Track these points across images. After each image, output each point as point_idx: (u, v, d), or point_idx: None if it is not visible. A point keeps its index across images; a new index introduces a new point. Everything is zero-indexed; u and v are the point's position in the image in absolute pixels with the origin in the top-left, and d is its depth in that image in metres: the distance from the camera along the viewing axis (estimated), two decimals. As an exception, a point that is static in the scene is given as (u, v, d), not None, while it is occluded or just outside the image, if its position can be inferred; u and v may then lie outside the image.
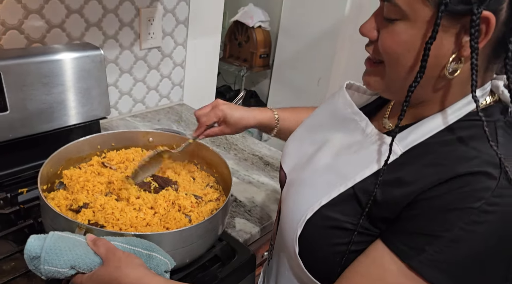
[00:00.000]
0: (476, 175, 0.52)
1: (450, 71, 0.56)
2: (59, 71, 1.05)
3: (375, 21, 0.61)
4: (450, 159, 0.55)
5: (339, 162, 0.66)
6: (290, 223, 0.65)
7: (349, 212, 0.61)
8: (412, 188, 0.55)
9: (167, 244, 0.72)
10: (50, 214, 0.73)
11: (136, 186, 0.84)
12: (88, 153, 0.96)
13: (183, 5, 1.47)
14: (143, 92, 1.50)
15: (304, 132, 0.79)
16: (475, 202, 0.51)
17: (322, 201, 0.62)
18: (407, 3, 0.54)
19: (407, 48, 0.56)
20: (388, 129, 0.68)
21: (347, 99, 0.73)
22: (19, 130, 1.02)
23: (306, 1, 2.52)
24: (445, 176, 0.53)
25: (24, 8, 1.09)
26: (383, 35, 0.58)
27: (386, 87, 0.63)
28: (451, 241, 0.52)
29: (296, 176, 0.71)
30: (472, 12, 0.51)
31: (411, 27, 0.55)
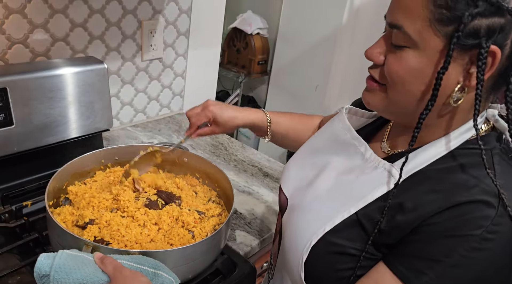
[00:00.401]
0: (476, 203, 0.55)
1: (454, 99, 0.58)
2: (63, 86, 1.07)
3: (381, 45, 0.62)
4: (450, 186, 0.57)
5: (341, 188, 0.68)
6: (295, 249, 0.67)
7: (353, 238, 0.63)
8: (414, 214, 0.58)
9: (171, 261, 0.74)
10: (57, 231, 0.74)
11: (140, 202, 0.86)
12: (92, 167, 0.98)
13: (184, 17, 1.49)
14: (144, 103, 1.52)
15: (305, 155, 0.81)
16: (475, 230, 0.53)
17: (326, 227, 0.64)
18: (418, 33, 0.56)
19: (414, 75, 0.58)
20: (387, 154, 0.70)
21: (346, 124, 0.75)
22: (24, 144, 1.03)
23: (304, 9, 2.54)
24: (446, 204, 0.56)
25: (29, 23, 1.11)
26: (390, 61, 0.60)
27: (385, 108, 0.65)
28: (452, 266, 0.54)
29: (298, 201, 0.72)
30: (480, 46, 0.53)
31: (419, 55, 0.57)
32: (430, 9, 0.55)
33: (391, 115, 0.68)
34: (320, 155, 0.77)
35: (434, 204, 0.57)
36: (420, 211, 0.58)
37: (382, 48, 0.62)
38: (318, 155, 0.77)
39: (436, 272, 0.55)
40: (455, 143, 0.61)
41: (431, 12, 0.55)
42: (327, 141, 0.78)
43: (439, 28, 0.55)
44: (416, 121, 0.61)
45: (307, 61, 2.62)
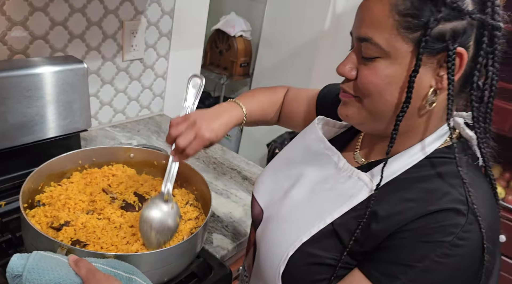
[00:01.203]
0: (447, 211, 0.57)
1: (429, 102, 0.60)
2: (41, 85, 1.05)
3: (352, 60, 0.64)
4: (422, 195, 0.59)
5: (316, 198, 0.68)
6: (271, 260, 0.67)
7: (329, 248, 0.64)
8: (388, 222, 0.60)
9: (146, 264, 0.74)
10: (32, 233, 0.74)
11: (116, 204, 0.85)
12: (69, 168, 0.97)
13: (166, 19, 1.49)
14: (123, 103, 1.52)
15: (278, 166, 0.82)
16: (446, 236, 0.56)
17: (303, 238, 0.64)
18: (387, 42, 0.58)
19: (389, 82, 0.60)
20: (360, 164, 0.71)
21: (319, 135, 0.76)
22: (0, 143, 1.02)
23: (287, 13, 2.57)
24: (419, 212, 0.58)
25: (8, 20, 1.09)
26: (364, 73, 0.62)
27: (363, 120, 0.66)
28: (423, 271, 0.56)
29: (274, 212, 0.73)
30: (448, 48, 0.57)
31: (391, 63, 0.59)
32: (396, 19, 0.57)
33: (367, 127, 0.69)
34: (294, 166, 0.77)
35: (408, 212, 0.59)
36: (394, 220, 0.59)
37: (353, 63, 0.64)
38: (291, 166, 0.78)
39: (409, 276, 0.57)
40: (427, 151, 0.64)
41: (397, 21, 0.57)
42: (300, 152, 0.79)
43: (407, 35, 0.57)
44: (389, 130, 0.63)
45: (289, 65, 2.64)
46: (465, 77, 0.60)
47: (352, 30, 0.65)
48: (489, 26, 0.57)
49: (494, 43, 0.58)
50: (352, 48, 0.66)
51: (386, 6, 0.58)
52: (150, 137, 1.48)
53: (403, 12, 0.57)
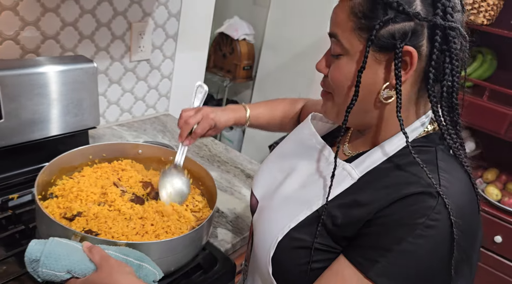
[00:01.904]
0: (420, 195, 0.61)
1: (384, 96, 0.65)
2: (52, 83, 1.09)
3: (326, 58, 0.70)
4: (398, 182, 0.64)
5: (306, 188, 0.73)
6: (263, 246, 0.72)
7: (314, 233, 0.68)
8: (368, 209, 0.63)
9: (155, 252, 0.77)
10: (46, 222, 0.77)
11: (126, 197, 0.89)
12: (80, 163, 1.01)
13: (173, 21, 1.53)
14: (130, 102, 1.55)
15: (274, 160, 0.87)
16: (420, 218, 0.59)
17: (291, 224, 0.69)
18: (347, 40, 0.64)
19: (349, 78, 0.66)
20: (347, 156, 0.76)
21: (312, 130, 0.82)
22: (12, 138, 1.05)
23: (290, 17, 2.61)
24: (395, 196, 0.62)
25: (21, 20, 1.13)
26: (331, 70, 0.68)
27: (336, 115, 0.72)
28: (401, 253, 0.60)
29: (267, 202, 0.78)
30: (395, 47, 0.61)
31: (351, 60, 0.65)
32: (353, 20, 0.63)
33: (341, 121, 0.71)
34: (287, 160, 0.82)
35: (385, 198, 0.63)
36: (373, 205, 0.63)
37: (328, 61, 0.70)
38: (285, 159, 0.83)
39: (388, 259, 0.60)
40: (403, 143, 0.67)
41: (354, 22, 0.63)
42: (294, 146, 0.84)
43: (361, 35, 0.63)
44: (364, 121, 0.70)
45: (291, 69, 2.68)
46: (423, 74, 0.65)
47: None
48: (440, 26, 0.61)
49: (449, 41, 0.61)
50: None
51: (346, 9, 0.64)
52: (156, 136, 1.51)
53: (358, 15, 0.63)
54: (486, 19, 2.10)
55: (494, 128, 2.06)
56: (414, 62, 0.62)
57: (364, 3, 0.63)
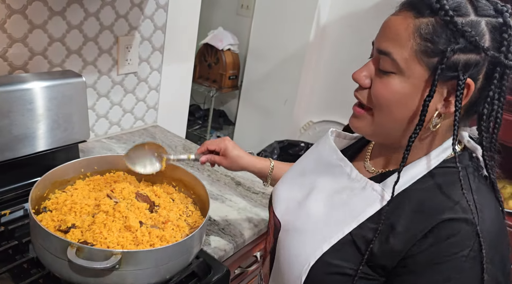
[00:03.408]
0: (457, 221, 0.60)
1: (433, 124, 0.65)
2: (43, 98, 1.10)
3: (368, 69, 0.67)
4: (432, 205, 0.63)
5: (333, 209, 0.71)
6: (292, 270, 0.70)
7: (349, 258, 0.66)
8: (404, 237, 0.62)
9: (151, 260, 0.79)
10: (42, 234, 0.78)
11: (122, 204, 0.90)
12: (72, 176, 1.02)
13: (159, 34, 1.56)
14: (119, 115, 1.57)
15: (292, 177, 0.85)
16: (463, 250, 0.59)
17: (324, 248, 0.67)
18: (405, 61, 0.62)
19: (398, 99, 0.64)
20: (372, 173, 0.75)
21: (332, 146, 0.80)
22: (3, 154, 1.06)
23: (273, 26, 2.66)
24: (432, 222, 0.61)
25: (9, 37, 1.14)
26: (377, 85, 0.66)
27: (373, 132, 0.70)
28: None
29: (291, 222, 0.76)
30: (458, 78, 0.61)
31: (404, 81, 0.63)
32: (417, 41, 0.61)
33: (377, 138, 0.73)
34: (307, 176, 0.81)
35: (420, 224, 0.62)
36: (409, 233, 0.62)
37: (369, 72, 0.67)
38: (305, 176, 0.81)
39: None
40: (434, 163, 0.67)
41: (418, 44, 0.61)
42: (313, 163, 0.82)
43: (424, 59, 0.61)
44: (398, 142, 0.69)
45: (277, 76, 2.72)
46: (469, 105, 0.65)
47: (374, 40, 0.68)
48: (502, 64, 0.60)
49: (503, 79, 0.62)
50: (371, 57, 0.70)
51: (410, 27, 0.61)
52: (146, 148, 1.52)
53: (424, 36, 0.61)
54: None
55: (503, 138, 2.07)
56: (469, 94, 0.62)
57: (433, 26, 0.60)
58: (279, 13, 2.60)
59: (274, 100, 2.76)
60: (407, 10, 0.63)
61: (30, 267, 0.90)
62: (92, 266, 0.73)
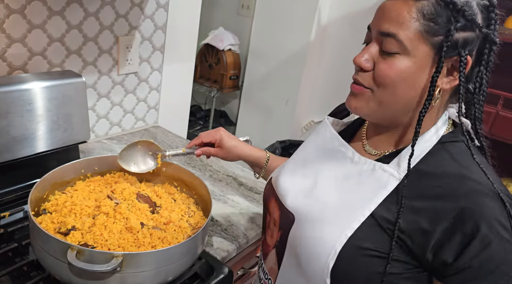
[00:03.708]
0: (481, 194, 0.63)
1: (435, 100, 0.68)
2: (42, 98, 1.09)
3: (369, 53, 0.69)
4: (446, 181, 0.65)
5: (347, 194, 0.72)
6: (315, 259, 0.70)
7: (376, 240, 0.67)
8: (428, 213, 0.65)
9: (152, 262, 0.78)
10: (42, 237, 0.77)
11: (123, 206, 0.89)
12: (72, 177, 1.01)
13: (159, 33, 1.54)
14: (119, 116, 1.55)
15: (293, 168, 0.85)
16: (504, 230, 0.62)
17: (348, 233, 0.68)
18: (409, 41, 0.65)
19: (404, 78, 0.66)
20: (375, 156, 0.77)
21: (333, 133, 0.82)
22: (2, 155, 1.05)
23: (274, 26, 2.64)
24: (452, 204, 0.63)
25: (7, 37, 1.13)
26: (382, 66, 0.67)
27: (371, 111, 0.72)
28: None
29: (306, 213, 0.75)
30: (460, 55, 0.65)
31: (409, 61, 0.66)
32: (420, 22, 0.64)
33: (375, 118, 0.74)
34: (309, 166, 0.81)
35: (439, 199, 0.64)
36: (432, 210, 0.64)
37: (370, 55, 0.69)
38: (306, 166, 0.82)
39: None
40: (435, 139, 0.71)
41: (421, 24, 0.64)
42: (314, 151, 0.83)
43: (428, 38, 0.64)
44: (396, 122, 0.73)
45: (278, 76, 2.71)
46: (466, 79, 0.69)
47: (371, 24, 0.70)
48: (491, 40, 0.65)
49: (490, 55, 0.67)
50: (366, 43, 0.72)
51: (413, 8, 0.64)
52: (147, 148, 1.51)
53: (427, 16, 0.64)
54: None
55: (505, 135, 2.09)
56: (467, 69, 0.66)
57: (434, 7, 0.64)
58: (279, 13, 2.59)
59: (276, 100, 2.74)
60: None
61: (30, 270, 0.89)
62: (92, 269, 0.72)
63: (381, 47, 0.67)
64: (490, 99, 2.25)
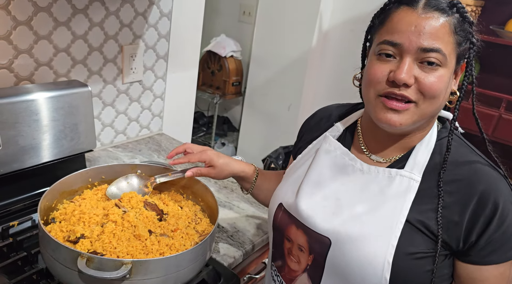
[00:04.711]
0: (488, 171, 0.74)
1: (448, 101, 0.77)
2: (49, 108, 1.11)
3: (409, 69, 0.71)
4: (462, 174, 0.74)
5: (373, 206, 0.76)
6: (371, 273, 0.73)
7: (419, 242, 0.73)
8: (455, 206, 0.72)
9: (162, 269, 0.78)
10: (52, 245, 0.78)
11: (131, 214, 0.90)
12: (79, 186, 1.02)
13: (163, 42, 1.56)
14: (124, 124, 1.57)
15: (310, 189, 0.85)
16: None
17: (393, 243, 0.72)
18: (449, 54, 0.72)
19: (445, 87, 0.74)
20: (385, 163, 0.81)
21: (344, 149, 0.84)
22: (11, 165, 1.06)
23: (275, 33, 2.66)
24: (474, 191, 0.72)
25: (14, 49, 1.15)
26: (430, 80, 0.72)
27: (413, 124, 0.75)
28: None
29: (341, 234, 0.77)
30: (467, 61, 0.75)
31: (447, 71, 0.73)
32: (453, 36, 0.72)
33: (411, 128, 0.77)
34: (325, 185, 0.83)
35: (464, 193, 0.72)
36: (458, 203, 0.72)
37: (410, 71, 0.72)
38: (323, 185, 0.83)
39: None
40: (434, 139, 0.78)
41: (454, 38, 0.72)
42: (327, 170, 0.84)
43: (456, 50, 0.73)
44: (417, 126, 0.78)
45: (280, 82, 2.72)
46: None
47: (401, 40, 0.71)
48: (475, 44, 0.74)
49: (471, 56, 0.75)
50: (392, 56, 0.73)
51: (447, 25, 0.71)
52: (152, 156, 1.52)
53: (456, 31, 0.72)
54: (466, 25, 2.17)
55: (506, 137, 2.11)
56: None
57: (458, 21, 0.72)
58: (281, 19, 2.61)
59: (278, 105, 2.76)
60: (431, 11, 0.71)
61: (40, 278, 0.90)
62: (102, 276, 0.73)
63: (420, 61, 0.72)
64: (492, 102, 2.28)
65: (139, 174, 1.05)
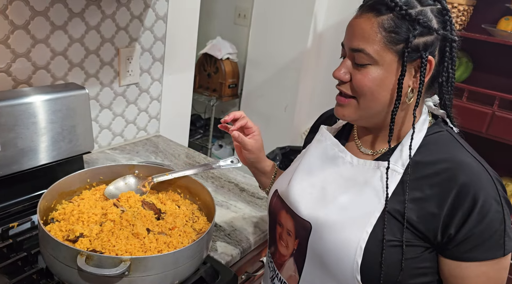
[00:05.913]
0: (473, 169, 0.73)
1: (408, 98, 0.77)
2: (47, 111, 1.12)
3: (345, 66, 0.78)
4: (441, 168, 0.74)
5: (356, 195, 0.79)
6: (342, 260, 0.76)
7: (394, 231, 0.75)
8: (435, 199, 0.73)
9: (160, 266, 0.80)
10: (52, 244, 0.79)
11: (129, 213, 0.91)
12: (78, 187, 1.03)
13: (159, 44, 1.58)
14: (121, 126, 1.58)
15: (300, 177, 0.89)
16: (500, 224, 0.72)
17: (368, 230, 0.75)
18: (376, 53, 0.74)
19: (378, 84, 0.76)
20: (373, 155, 0.84)
21: (334, 141, 0.88)
22: (10, 167, 1.07)
23: (271, 34, 2.68)
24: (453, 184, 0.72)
25: (12, 52, 1.16)
26: (357, 77, 0.77)
27: (359, 117, 0.80)
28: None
29: (325, 219, 0.80)
30: (422, 57, 0.74)
31: (379, 69, 0.75)
32: (383, 35, 0.73)
33: (362, 121, 0.83)
34: (315, 174, 0.87)
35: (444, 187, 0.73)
36: (437, 196, 0.73)
37: (347, 68, 0.79)
38: (312, 174, 0.88)
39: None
40: (423, 133, 0.80)
41: (383, 37, 0.73)
42: (317, 160, 0.89)
43: (392, 47, 0.74)
44: (382, 122, 0.81)
45: (276, 83, 2.74)
46: (432, 78, 0.79)
47: (344, 42, 0.80)
48: (449, 39, 0.75)
49: (452, 51, 0.76)
50: (343, 57, 0.81)
51: (375, 25, 0.74)
52: (149, 157, 1.54)
53: (387, 29, 0.73)
54: (458, 24, 2.19)
55: (475, 128, 2.15)
56: (432, 68, 0.75)
57: (393, 20, 0.73)
58: (276, 21, 2.63)
59: (275, 107, 2.78)
60: (367, 12, 0.75)
61: (40, 278, 0.91)
62: (102, 273, 0.74)
63: (354, 61, 0.77)
64: (486, 100, 2.31)
65: (137, 174, 1.07)
